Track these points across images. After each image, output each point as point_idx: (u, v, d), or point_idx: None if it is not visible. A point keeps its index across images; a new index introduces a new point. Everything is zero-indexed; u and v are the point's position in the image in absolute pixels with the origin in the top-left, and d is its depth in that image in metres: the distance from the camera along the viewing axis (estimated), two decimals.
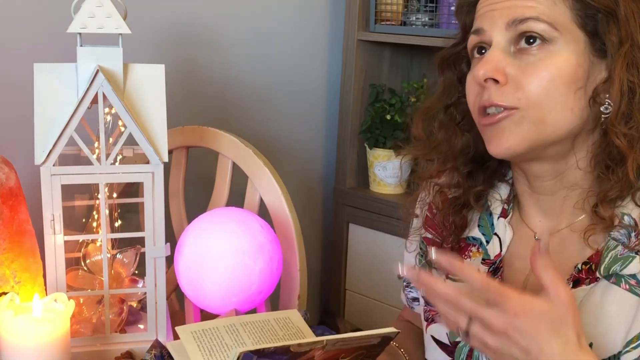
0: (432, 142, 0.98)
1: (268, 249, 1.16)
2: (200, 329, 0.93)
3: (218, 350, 0.90)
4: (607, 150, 0.83)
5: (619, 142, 0.81)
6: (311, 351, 0.77)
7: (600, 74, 0.83)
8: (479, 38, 0.87)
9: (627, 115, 0.81)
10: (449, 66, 0.97)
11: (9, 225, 1.08)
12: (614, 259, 0.82)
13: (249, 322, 0.96)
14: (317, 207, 2.27)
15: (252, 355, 0.74)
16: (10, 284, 1.08)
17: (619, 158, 0.82)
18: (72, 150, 1.09)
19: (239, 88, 1.93)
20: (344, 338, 0.78)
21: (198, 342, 0.91)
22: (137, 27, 1.14)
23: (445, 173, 0.98)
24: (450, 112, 0.96)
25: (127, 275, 1.20)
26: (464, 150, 0.95)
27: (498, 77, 0.82)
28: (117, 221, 1.24)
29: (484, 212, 0.98)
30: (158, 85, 1.10)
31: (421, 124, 0.98)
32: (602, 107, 0.82)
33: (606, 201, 0.83)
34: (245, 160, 1.41)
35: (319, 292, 2.30)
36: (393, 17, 2.00)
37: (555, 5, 0.82)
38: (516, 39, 0.83)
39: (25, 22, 1.49)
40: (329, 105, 2.20)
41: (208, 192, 1.47)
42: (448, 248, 0.98)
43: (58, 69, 1.06)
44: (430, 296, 0.78)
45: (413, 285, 0.84)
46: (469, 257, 0.97)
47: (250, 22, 1.92)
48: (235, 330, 0.94)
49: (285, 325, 0.98)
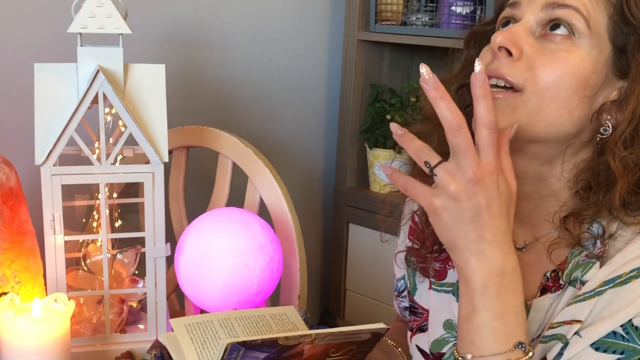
0: (436, 119, 0.97)
1: (268, 249, 1.16)
2: (194, 322, 0.93)
3: (211, 343, 0.90)
4: (595, 170, 0.81)
5: (614, 165, 0.79)
6: (300, 345, 0.77)
7: (612, 92, 0.82)
8: (512, 11, 0.85)
9: (630, 140, 0.79)
10: (474, 44, 0.94)
11: (9, 225, 1.08)
12: (575, 265, 0.81)
13: (244, 317, 0.96)
14: (317, 207, 2.27)
15: (240, 347, 0.74)
16: (11, 284, 1.08)
17: (604, 181, 0.80)
18: (72, 150, 1.09)
19: (239, 88, 1.93)
20: (332, 332, 0.78)
21: (191, 335, 0.90)
22: (137, 27, 1.14)
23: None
24: (462, 93, 0.94)
25: (127, 275, 1.20)
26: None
27: (513, 49, 0.80)
28: (117, 221, 1.24)
29: None
30: (158, 85, 1.10)
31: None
32: (601, 127, 0.81)
33: (578, 220, 0.81)
34: (245, 160, 1.41)
35: (319, 292, 2.30)
36: (393, 17, 2.00)
37: (597, 5, 0.80)
38: (546, 22, 0.81)
39: (26, 22, 1.49)
40: (329, 105, 2.20)
41: (208, 192, 1.47)
42: (430, 258, 0.97)
43: (58, 69, 1.06)
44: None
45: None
46: (452, 267, 0.96)
47: (250, 22, 1.92)
48: (230, 325, 0.94)
49: (280, 320, 0.98)
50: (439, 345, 0.95)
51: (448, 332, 0.94)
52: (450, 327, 0.94)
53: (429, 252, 0.97)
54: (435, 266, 0.97)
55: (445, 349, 0.93)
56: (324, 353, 0.80)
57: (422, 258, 0.98)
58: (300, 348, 0.77)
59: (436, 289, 0.97)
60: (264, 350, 0.75)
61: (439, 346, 0.95)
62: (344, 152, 2.12)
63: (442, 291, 0.96)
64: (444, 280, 0.96)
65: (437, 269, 0.97)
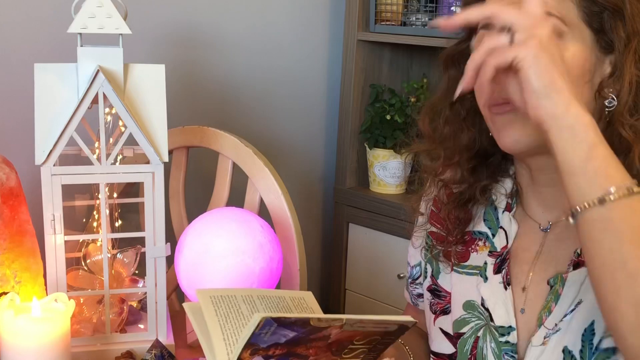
0: (438, 137, 0.99)
1: (268, 248, 1.16)
2: (219, 294, 0.93)
3: (234, 317, 0.90)
4: (610, 140, 0.82)
5: (625, 133, 0.83)
6: (329, 328, 0.77)
7: (606, 69, 0.86)
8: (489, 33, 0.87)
9: (633, 107, 0.83)
10: (453, 64, 0.98)
11: (10, 225, 1.08)
12: None
13: (266, 296, 0.96)
14: (317, 207, 2.27)
15: (273, 322, 0.73)
16: (11, 284, 1.08)
17: (620, 148, 0.83)
18: (72, 150, 1.09)
19: (239, 88, 1.93)
20: (362, 319, 0.78)
21: (216, 307, 0.91)
22: (137, 27, 1.14)
23: (450, 169, 1.00)
24: (456, 108, 0.98)
25: (127, 275, 1.20)
26: (470, 145, 0.97)
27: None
28: (118, 221, 1.24)
29: (488, 206, 1.00)
30: (158, 85, 1.10)
31: (427, 120, 1.00)
32: (606, 100, 0.84)
33: None
34: (245, 160, 1.41)
35: (319, 292, 2.30)
36: (393, 17, 2.00)
37: (563, 1, 0.83)
38: None
39: (26, 22, 1.49)
40: (329, 105, 2.20)
41: (208, 192, 1.48)
42: (453, 241, 1.00)
43: (58, 69, 1.06)
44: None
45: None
46: (475, 250, 0.99)
47: (250, 23, 1.92)
48: (252, 302, 0.94)
49: (299, 304, 0.99)
50: (458, 325, 0.97)
51: (469, 312, 0.97)
52: (471, 307, 0.97)
53: (451, 235, 1.00)
54: (457, 249, 1.00)
55: (465, 329, 0.96)
56: (349, 340, 0.80)
57: (444, 241, 1.01)
58: (328, 332, 0.77)
59: (458, 271, 1.00)
60: (294, 329, 0.75)
61: (459, 326, 0.97)
62: (344, 152, 2.12)
63: (464, 273, 0.99)
64: (466, 263, 0.99)
65: (459, 251, 1.00)
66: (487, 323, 0.94)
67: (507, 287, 0.94)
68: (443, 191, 1.02)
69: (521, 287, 0.93)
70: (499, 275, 0.95)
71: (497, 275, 0.95)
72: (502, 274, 0.95)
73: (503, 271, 0.95)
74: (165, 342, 1.10)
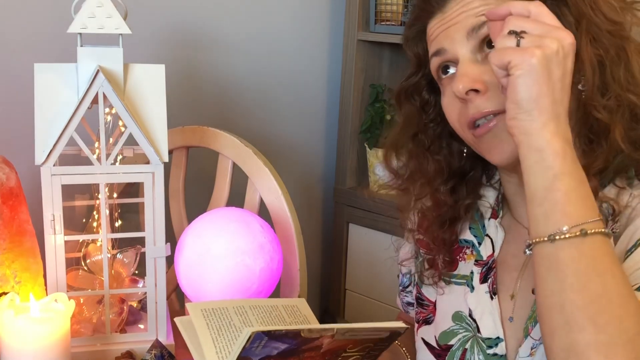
0: (405, 173, 0.99)
1: (268, 249, 1.16)
2: (210, 307, 0.93)
3: (226, 330, 0.90)
4: (587, 124, 0.83)
5: (599, 115, 0.81)
6: (320, 338, 0.77)
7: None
8: (442, 58, 0.87)
9: (602, 87, 0.82)
10: (407, 98, 0.97)
11: (9, 225, 1.08)
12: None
13: (258, 306, 0.96)
14: (317, 207, 2.27)
15: (263, 336, 0.74)
16: (11, 284, 1.08)
17: (600, 130, 0.82)
18: (72, 150, 1.09)
19: (239, 88, 1.93)
20: (353, 328, 0.78)
21: (207, 320, 0.91)
22: (137, 27, 1.14)
23: (427, 198, 0.98)
24: (418, 139, 0.97)
25: (127, 275, 1.20)
26: (439, 173, 0.96)
27: (478, 86, 0.82)
28: (117, 221, 1.24)
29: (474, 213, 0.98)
30: (158, 85, 1.10)
31: (392, 157, 1.00)
32: (579, 85, 0.82)
33: (591, 173, 0.82)
34: (245, 160, 1.41)
35: (319, 292, 2.30)
36: (393, 17, 2.00)
37: (504, 3, 0.81)
38: (479, 46, 0.83)
39: (26, 22, 1.49)
40: (329, 105, 2.20)
41: (208, 192, 1.48)
42: (440, 260, 0.98)
43: (58, 69, 1.06)
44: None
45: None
46: (463, 259, 0.98)
47: (250, 22, 1.92)
48: (244, 313, 0.94)
49: (292, 312, 0.98)
50: (446, 337, 0.96)
51: (457, 324, 0.95)
52: (459, 319, 0.95)
53: (437, 244, 0.98)
54: (445, 257, 0.98)
55: (453, 341, 0.94)
56: (341, 348, 0.81)
57: (431, 250, 0.99)
58: (320, 342, 0.78)
59: (446, 280, 0.98)
60: (286, 341, 0.75)
61: (446, 338, 0.96)
62: (344, 152, 2.12)
63: (452, 283, 0.97)
64: (455, 272, 0.97)
65: (446, 260, 0.98)
66: (474, 334, 0.92)
67: (494, 296, 0.92)
68: (423, 220, 1.00)
69: (509, 294, 0.91)
70: (485, 284, 0.93)
71: (483, 284, 0.94)
72: (488, 283, 0.93)
73: (489, 280, 0.93)
74: (165, 342, 1.10)
